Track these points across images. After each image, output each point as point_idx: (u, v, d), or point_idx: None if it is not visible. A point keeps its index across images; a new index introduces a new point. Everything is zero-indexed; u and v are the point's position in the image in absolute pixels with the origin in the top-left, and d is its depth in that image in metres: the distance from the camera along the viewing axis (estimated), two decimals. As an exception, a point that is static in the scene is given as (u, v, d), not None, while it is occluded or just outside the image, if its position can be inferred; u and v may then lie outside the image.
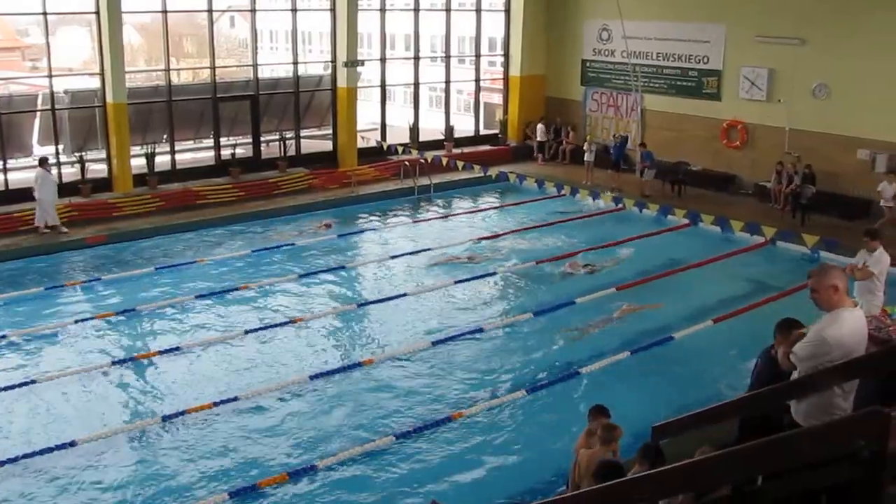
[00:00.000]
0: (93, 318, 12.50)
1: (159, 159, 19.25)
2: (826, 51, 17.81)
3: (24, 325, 12.26)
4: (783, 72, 18.72)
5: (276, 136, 21.53)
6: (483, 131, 25.13)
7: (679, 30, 20.78)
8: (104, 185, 18.50)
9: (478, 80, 24.95)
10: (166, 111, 19.67)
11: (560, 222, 17.95)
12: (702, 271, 14.80)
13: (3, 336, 11.83)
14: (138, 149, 19.14)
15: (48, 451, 8.82)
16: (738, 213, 16.74)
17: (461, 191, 20.93)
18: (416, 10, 22.76)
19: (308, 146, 22.07)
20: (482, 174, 19.46)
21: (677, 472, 4.15)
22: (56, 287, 13.85)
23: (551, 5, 23.88)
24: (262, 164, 20.81)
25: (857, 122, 17.35)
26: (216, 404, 9.84)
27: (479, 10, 24.31)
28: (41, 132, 19.10)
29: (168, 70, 19.61)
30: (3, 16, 23.13)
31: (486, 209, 19.56)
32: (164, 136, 19.90)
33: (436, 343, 11.65)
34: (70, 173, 18.43)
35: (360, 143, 21.85)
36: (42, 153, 17.63)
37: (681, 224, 16.83)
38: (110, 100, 18.10)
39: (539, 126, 23.52)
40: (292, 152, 21.43)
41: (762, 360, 6.54)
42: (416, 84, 23.39)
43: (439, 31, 24.07)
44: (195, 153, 21.49)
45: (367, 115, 23.95)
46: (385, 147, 21.77)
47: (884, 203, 16.31)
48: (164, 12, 18.92)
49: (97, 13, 17.82)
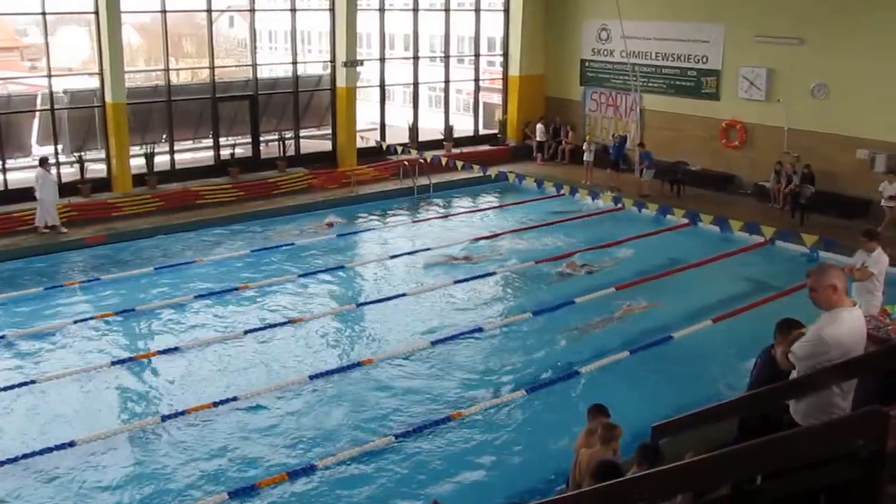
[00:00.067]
0: (92, 318, 12.50)
1: (158, 159, 19.26)
2: (825, 51, 17.82)
3: (24, 325, 12.26)
4: (782, 71, 18.73)
5: (276, 136, 21.53)
6: (482, 131, 25.14)
7: (678, 29, 20.79)
8: (103, 185, 18.50)
9: (477, 80, 24.96)
10: (165, 111, 19.68)
11: (559, 222, 17.95)
12: (701, 271, 14.81)
13: (3, 336, 11.84)
14: (137, 149, 19.17)
15: (48, 451, 8.82)
16: (737, 213, 16.75)
17: (460, 191, 20.93)
18: (416, 10, 22.75)
19: (307, 146, 22.08)
20: (481, 174, 19.46)
21: (676, 471, 4.15)
22: (55, 287, 13.84)
23: (550, 5, 23.88)
24: (262, 164, 20.81)
25: (855, 121, 17.35)
26: (216, 404, 9.84)
27: (478, 10, 24.32)
28: (40, 132, 19.09)
29: (167, 70, 19.60)
30: (2, 16, 23.09)
31: (486, 209, 19.56)
32: (164, 136, 19.90)
33: (435, 343, 11.65)
34: (69, 173, 18.43)
35: (360, 143, 21.86)
36: (41, 153, 17.62)
37: (680, 224, 16.84)
38: (109, 100, 18.11)
39: (538, 126, 23.52)
40: (291, 152, 21.43)
41: (761, 360, 6.54)
42: (416, 84, 23.39)
43: (438, 31, 24.08)
44: (194, 153, 21.49)
45: (366, 114, 23.96)
46: (384, 147, 21.77)
47: (885, 203, 16.30)
48: (164, 12, 18.91)
49: (96, 13, 17.81)
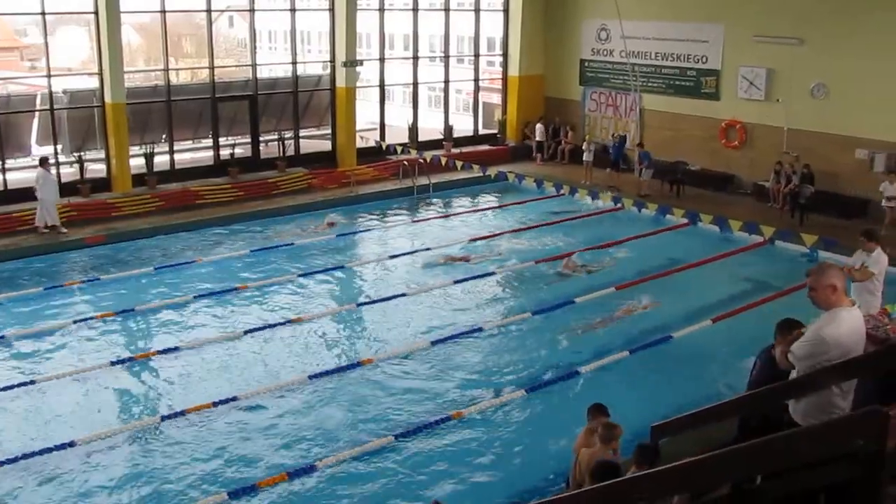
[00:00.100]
0: (92, 318, 12.50)
1: (158, 159, 19.24)
2: (824, 51, 17.82)
3: (23, 326, 12.26)
4: (781, 71, 18.73)
5: (275, 136, 21.52)
6: (482, 131, 25.14)
7: (677, 29, 20.79)
8: (103, 185, 18.49)
9: (477, 80, 24.96)
10: (165, 111, 19.67)
11: (559, 222, 17.95)
12: (701, 271, 14.81)
13: (3, 336, 11.84)
14: (137, 149, 19.16)
15: (47, 451, 8.82)
16: (736, 213, 16.75)
17: (460, 190, 20.93)
18: (415, 10, 22.75)
19: (307, 146, 22.08)
20: (481, 174, 19.45)
21: (676, 471, 4.14)
22: (55, 287, 13.84)
23: (550, 5, 23.88)
24: (261, 164, 20.80)
25: (855, 121, 17.36)
26: (215, 404, 9.84)
27: (477, 10, 24.32)
28: (40, 132, 19.08)
29: (167, 70, 19.59)
30: (2, 16, 23.08)
31: (485, 209, 19.55)
32: (163, 136, 19.89)
33: (435, 343, 11.65)
34: (69, 173, 18.41)
35: (359, 143, 21.86)
36: (41, 153, 17.61)
37: (679, 224, 16.85)
38: (109, 100, 18.10)
39: (538, 126, 23.52)
40: (291, 152, 21.43)
41: (761, 360, 6.54)
42: (415, 84, 23.39)
43: (438, 31, 24.09)
44: (194, 153, 21.49)
45: (366, 114, 23.96)
46: (384, 147, 21.77)
47: (885, 203, 16.28)
48: (163, 12, 18.89)
49: (96, 13, 17.80)
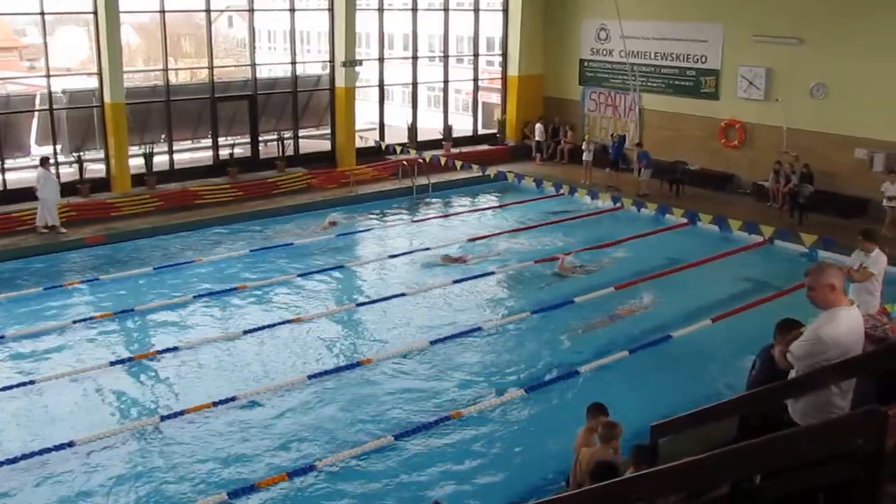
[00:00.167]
0: (91, 318, 12.50)
1: (157, 159, 19.25)
2: (823, 50, 17.82)
3: (23, 326, 12.26)
4: (781, 71, 18.73)
5: (275, 136, 21.52)
6: (481, 131, 25.14)
7: (677, 29, 20.79)
8: (102, 185, 18.48)
9: (476, 80, 24.96)
10: (164, 111, 19.67)
11: (558, 222, 17.95)
12: (700, 270, 14.81)
13: (2, 336, 11.84)
14: (136, 149, 19.17)
15: (46, 451, 8.81)
16: (736, 213, 16.76)
17: (459, 190, 20.92)
18: (415, 10, 22.74)
19: (306, 146, 22.08)
20: (480, 174, 19.46)
21: (675, 471, 4.14)
22: (55, 287, 13.84)
23: (549, 5, 23.88)
24: (261, 164, 20.80)
25: (854, 121, 17.36)
26: (215, 404, 9.84)
27: (477, 10, 24.33)
28: (39, 132, 19.08)
29: (166, 70, 19.59)
30: (1, 16, 23.08)
31: (485, 209, 19.55)
32: (163, 136, 19.89)
33: (434, 342, 11.65)
34: (68, 173, 18.38)
35: (359, 143, 21.85)
36: (40, 153, 17.61)
37: (679, 223, 16.85)
38: (108, 100, 18.09)
39: (537, 126, 23.52)
40: (291, 152, 21.43)
41: (760, 360, 6.53)
42: (415, 84, 23.39)
43: (437, 31, 24.09)
44: (193, 153, 21.50)
45: (365, 114, 23.95)
46: (383, 147, 21.78)
47: (886, 203, 16.25)
48: (162, 12, 18.88)
49: (95, 13, 17.80)
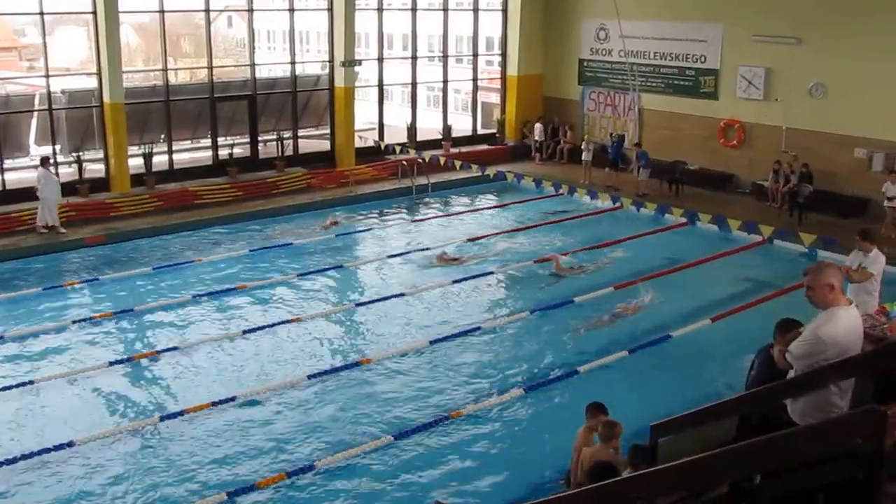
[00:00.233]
0: (91, 318, 12.50)
1: (157, 159, 19.26)
2: (823, 50, 17.83)
3: (22, 326, 12.26)
4: (780, 71, 18.73)
5: (274, 136, 21.52)
6: (481, 131, 25.13)
7: (676, 29, 20.79)
8: (102, 185, 18.47)
9: (475, 80, 24.96)
10: (164, 111, 19.66)
11: (558, 222, 17.95)
12: (699, 270, 14.81)
13: (1, 337, 11.84)
14: (136, 149, 19.16)
15: (46, 451, 8.81)
16: (735, 212, 16.77)
17: (459, 190, 20.92)
18: (414, 10, 22.74)
19: (306, 146, 22.08)
20: (480, 174, 19.45)
21: (674, 470, 4.14)
22: (54, 287, 13.83)
23: (548, 5, 23.87)
24: (260, 164, 20.80)
25: (853, 121, 17.37)
26: (214, 404, 9.84)
27: (476, 10, 24.33)
28: (38, 132, 19.07)
29: (165, 70, 19.58)
30: (0, 16, 23.07)
31: (484, 209, 19.55)
32: (162, 136, 19.88)
33: (434, 342, 11.65)
34: (67, 173, 18.36)
35: (358, 143, 21.85)
36: (39, 153, 17.61)
37: (678, 223, 16.85)
38: (107, 100, 18.09)
39: (537, 125, 23.52)
40: (290, 152, 21.42)
41: (759, 360, 6.53)
42: (414, 83, 23.38)
43: (437, 31, 24.09)
44: (193, 153, 21.49)
45: (364, 114, 23.95)
46: (383, 147, 21.78)
47: (887, 204, 16.23)
48: (162, 12, 18.88)
49: (94, 13, 17.79)
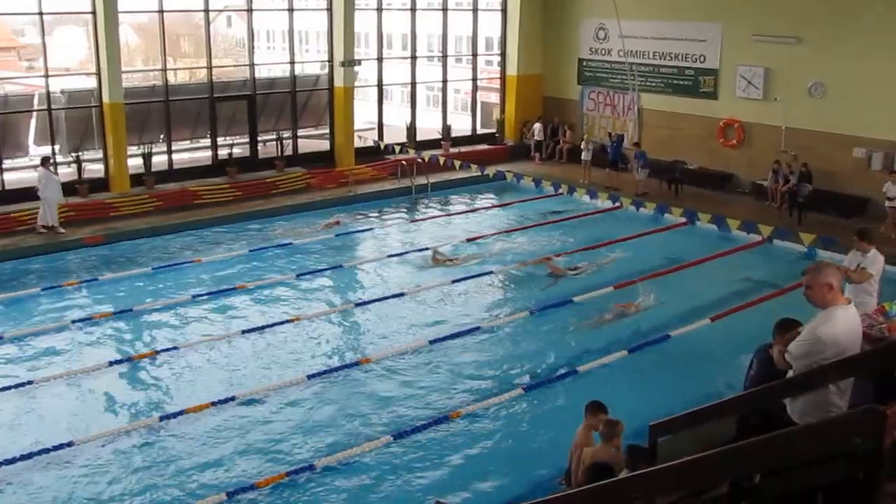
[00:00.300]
0: (90, 319, 12.50)
1: (156, 159, 19.25)
2: (822, 50, 17.83)
3: (22, 326, 12.25)
4: (779, 71, 18.73)
5: (274, 136, 21.51)
6: (480, 130, 25.12)
7: (675, 29, 20.79)
8: (101, 185, 18.46)
9: (475, 80, 24.95)
10: (163, 111, 19.66)
11: (557, 221, 17.95)
12: (699, 270, 14.81)
13: (1, 337, 11.83)
14: (135, 149, 19.15)
15: (45, 451, 8.81)
16: (734, 212, 16.77)
17: (458, 190, 20.92)
18: (413, 10, 22.73)
19: (305, 146, 22.08)
20: (479, 173, 19.45)
21: (673, 470, 4.14)
22: (54, 287, 13.83)
23: (548, 4, 23.87)
24: (260, 164, 20.79)
25: (853, 120, 17.37)
26: (214, 404, 9.84)
27: (475, 10, 24.33)
28: (38, 132, 19.06)
29: (165, 70, 19.57)
30: (0, 16, 23.06)
31: (484, 208, 19.55)
32: (161, 136, 19.88)
33: (433, 342, 11.66)
34: (67, 173, 18.35)
35: (358, 143, 21.85)
36: (39, 153, 17.61)
37: (678, 223, 16.85)
38: (107, 100, 18.08)
39: (536, 125, 23.52)
40: (289, 152, 21.42)
41: (758, 359, 6.53)
42: (413, 83, 23.38)
43: (436, 31, 24.09)
44: (192, 153, 21.49)
45: (364, 114, 23.94)
46: (382, 146, 21.78)
47: (888, 204, 16.21)
48: (161, 12, 18.87)
49: (93, 13, 17.79)
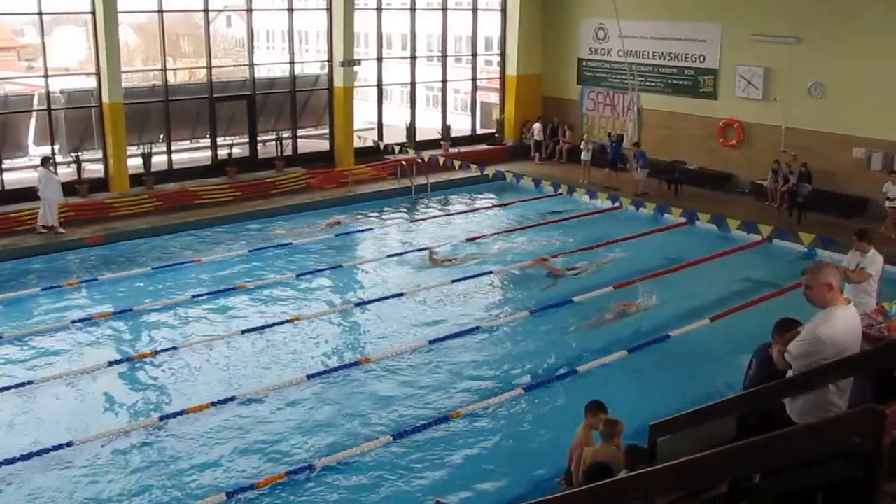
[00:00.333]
0: (90, 319, 12.49)
1: (156, 159, 19.24)
2: (822, 50, 17.83)
3: (21, 326, 12.25)
4: (779, 70, 18.73)
5: (273, 136, 21.50)
6: (480, 130, 25.12)
7: (675, 29, 20.79)
8: (101, 185, 18.46)
9: (474, 80, 24.95)
10: (163, 111, 19.65)
11: (557, 221, 17.95)
12: (698, 269, 14.80)
13: (0, 337, 11.83)
14: (135, 149, 19.15)
15: (44, 451, 8.81)
16: (734, 212, 16.77)
17: (458, 190, 20.91)
18: (413, 10, 22.73)
19: (305, 146, 22.07)
20: (479, 173, 19.45)
21: (672, 470, 4.14)
22: (53, 287, 13.82)
23: (547, 4, 23.87)
24: (259, 164, 20.78)
25: (852, 120, 17.37)
26: (213, 404, 9.84)
27: (475, 10, 24.32)
28: (37, 132, 19.06)
29: (164, 70, 19.57)
30: (0, 16, 23.06)
31: (483, 208, 19.55)
32: (161, 136, 19.87)
33: (433, 342, 11.66)
34: (66, 173, 18.34)
35: (357, 143, 21.85)
36: (38, 153, 17.61)
37: (678, 223, 16.86)
38: (106, 100, 18.08)
39: (536, 125, 23.52)
40: (289, 152, 21.42)
41: (757, 359, 6.53)
42: (413, 83, 23.38)
43: (436, 31, 24.09)
44: (192, 153, 21.49)
45: (363, 114, 23.93)
46: (382, 146, 21.78)
47: (888, 204, 16.21)
48: (161, 12, 18.87)
49: (93, 13, 17.78)
